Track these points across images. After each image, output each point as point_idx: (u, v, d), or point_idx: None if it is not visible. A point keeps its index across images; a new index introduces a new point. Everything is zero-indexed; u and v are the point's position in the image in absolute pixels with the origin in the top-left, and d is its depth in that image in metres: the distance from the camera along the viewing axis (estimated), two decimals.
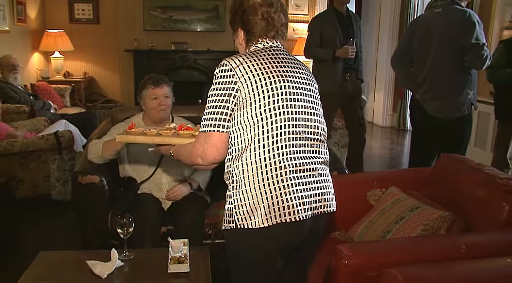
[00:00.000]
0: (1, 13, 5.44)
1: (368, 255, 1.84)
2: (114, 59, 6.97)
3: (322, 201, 1.67)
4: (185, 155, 1.75)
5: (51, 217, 3.85)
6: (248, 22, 1.70)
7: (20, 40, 6.13)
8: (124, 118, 3.01)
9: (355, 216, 2.53)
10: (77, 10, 6.98)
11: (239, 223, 1.58)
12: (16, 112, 4.77)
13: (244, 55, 1.64)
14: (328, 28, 4.19)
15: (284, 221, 1.56)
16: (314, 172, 1.67)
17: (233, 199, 1.61)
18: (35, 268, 2.05)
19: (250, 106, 1.58)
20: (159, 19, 6.80)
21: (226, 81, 1.59)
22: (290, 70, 1.67)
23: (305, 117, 1.66)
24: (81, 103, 6.48)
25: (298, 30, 7.37)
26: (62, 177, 3.94)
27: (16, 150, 3.82)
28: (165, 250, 2.08)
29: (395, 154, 6.17)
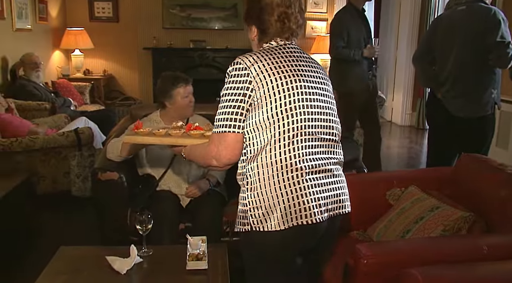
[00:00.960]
0: (23, 11, 5.52)
1: (387, 255, 1.83)
2: (133, 57, 7.03)
3: (338, 202, 1.65)
4: (198, 156, 1.71)
5: (71, 213, 3.89)
6: (263, 21, 1.65)
7: (41, 38, 6.21)
8: (143, 116, 3.03)
9: (373, 215, 2.51)
10: (97, 8, 7.05)
11: (254, 226, 1.55)
12: (37, 109, 4.84)
13: (258, 53, 1.60)
14: (353, 27, 4.18)
15: (300, 224, 1.53)
16: (329, 173, 1.64)
17: (247, 201, 1.58)
18: (56, 262, 2.07)
19: (265, 107, 1.54)
20: (178, 17, 6.83)
21: (240, 80, 1.55)
22: (305, 68, 1.64)
23: (321, 118, 1.63)
24: (100, 101, 6.55)
25: (317, 28, 7.33)
26: (82, 174, 3.99)
27: (37, 146, 3.88)
28: (183, 247, 2.09)
29: (413, 153, 6.10)
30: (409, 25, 7.29)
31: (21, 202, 3.41)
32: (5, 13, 5.00)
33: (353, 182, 1.91)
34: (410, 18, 7.26)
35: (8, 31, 5.17)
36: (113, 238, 2.75)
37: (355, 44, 4.16)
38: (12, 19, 5.20)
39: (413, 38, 7.26)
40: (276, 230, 1.53)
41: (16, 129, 4.06)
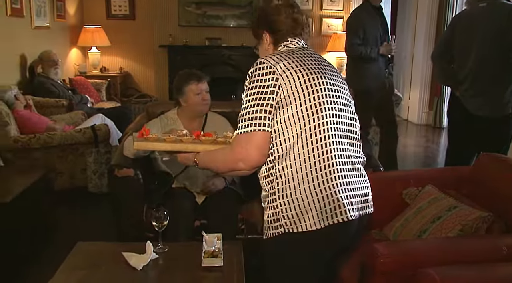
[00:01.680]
0: (42, 9, 5.58)
1: (404, 254, 1.81)
2: (149, 54, 7.06)
3: (366, 202, 1.64)
4: (218, 162, 1.66)
5: (87, 208, 3.94)
6: (273, 22, 1.69)
7: (59, 36, 6.28)
8: (159, 113, 3.05)
9: (390, 214, 2.49)
10: (113, 6, 7.10)
11: (287, 227, 1.52)
12: (55, 106, 4.89)
13: (279, 54, 1.60)
14: (370, 25, 4.15)
15: (336, 222, 1.51)
16: (357, 171, 1.63)
17: (278, 203, 1.54)
18: (73, 257, 2.10)
19: (293, 104, 1.52)
20: (194, 15, 6.84)
21: (266, 78, 1.53)
22: (326, 68, 1.65)
23: (345, 115, 1.63)
24: (116, 98, 6.60)
25: (333, 26, 7.29)
26: (98, 170, 4.02)
27: (55, 143, 3.93)
28: (199, 244, 2.09)
29: (430, 152, 6.04)
30: (426, 23, 7.21)
31: (39, 198, 3.45)
32: (24, 11, 5.05)
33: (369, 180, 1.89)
34: (428, 15, 7.18)
35: (27, 29, 5.23)
36: (129, 234, 2.77)
37: (372, 42, 4.12)
38: (31, 17, 5.26)
39: (430, 35, 7.18)
40: (312, 229, 1.50)
41: (34, 126, 4.11)
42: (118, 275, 1.97)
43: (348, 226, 1.55)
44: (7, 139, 3.78)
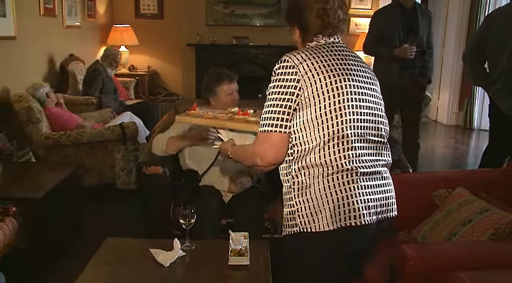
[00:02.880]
0: (73, 9, 5.69)
1: (434, 257, 1.78)
2: (176, 53, 7.12)
3: (386, 205, 1.62)
4: (244, 156, 1.69)
5: (115, 205, 3.99)
6: (303, 20, 1.64)
7: (89, 35, 6.39)
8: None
9: (418, 216, 2.46)
10: (142, 5, 7.19)
11: (302, 226, 1.53)
12: (84, 104, 4.99)
13: (306, 51, 1.57)
14: (388, 23, 3.99)
15: (348, 225, 1.50)
16: (378, 175, 1.61)
17: (294, 202, 1.55)
18: (102, 253, 2.13)
19: (314, 106, 1.51)
20: (221, 14, 6.87)
21: (288, 78, 1.52)
22: (353, 68, 1.60)
23: (370, 119, 1.59)
24: (144, 96, 6.68)
25: (361, 25, 7.22)
26: (126, 167, 4.08)
27: (84, 140, 4.00)
28: (225, 242, 2.10)
29: (459, 154, 5.92)
30: (457, 22, 7.07)
31: (69, 194, 3.52)
32: (56, 11, 5.17)
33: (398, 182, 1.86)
34: (459, 15, 7.04)
35: (59, 28, 5.34)
36: (156, 231, 2.80)
37: (389, 42, 3.95)
38: (62, 16, 5.37)
39: (461, 35, 7.03)
40: (325, 230, 1.50)
41: (65, 123, 4.19)
42: (146, 271, 1.99)
43: (363, 230, 1.54)
44: (39, 136, 3.86)
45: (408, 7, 3.98)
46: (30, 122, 3.85)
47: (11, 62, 4.27)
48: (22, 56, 4.48)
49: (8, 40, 4.18)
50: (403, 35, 3.93)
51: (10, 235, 2.61)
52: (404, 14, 3.98)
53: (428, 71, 4.12)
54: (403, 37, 3.93)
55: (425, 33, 4.03)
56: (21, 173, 3.48)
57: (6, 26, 4.12)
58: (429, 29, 4.10)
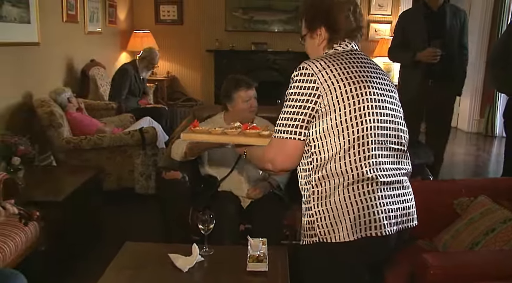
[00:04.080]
0: (95, 15, 5.78)
1: (456, 266, 1.75)
2: (195, 59, 7.18)
3: (407, 215, 1.58)
4: (256, 158, 1.70)
5: (134, 209, 4.02)
6: (335, 20, 1.59)
7: (110, 41, 6.48)
8: (206, 117, 3.08)
9: (439, 224, 2.42)
10: (162, 11, 7.27)
11: (322, 237, 1.49)
12: (105, 108, 5.05)
13: (326, 59, 1.53)
14: (411, 26, 3.76)
15: (369, 235, 1.47)
16: (399, 184, 1.57)
17: (314, 211, 1.51)
18: (121, 257, 2.14)
19: (333, 114, 1.48)
20: (240, 20, 6.90)
21: (307, 86, 1.49)
22: (373, 75, 1.57)
23: (390, 126, 1.56)
24: (163, 101, 6.74)
25: (380, 31, 7.19)
26: (145, 172, 4.10)
27: (104, 145, 4.04)
28: (244, 248, 2.10)
29: (481, 161, 5.83)
30: (479, 28, 6.98)
31: (89, 197, 3.56)
32: (78, 17, 5.25)
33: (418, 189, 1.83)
34: (481, 20, 6.96)
35: (80, 34, 5.43)
36: (174, 235, 2.81)
37: (413, 46, 3.71)
38: (84, 22, 5.46)
39: (483, 41, 6.95)
40: (345, 241, 1.47)
41: (85, 127, 4.25)
42: (165, 276, 2.00)
43: (384, 241, 1.51)
44: (60, 140, 3.92)
45: (433, 8, 3.72)
46: (52, 127, 3.90)
47: (34, 68, 4.35)
48: (45, 62, 4.56)
49: (32, 46, 4.27)
50: (427, 38, 3.68)
51: (31, 237, 2.65)
52: (429, 15, 3.73)
53: (457, 80, 3.82)
54: (427, 40, 3.68)
55: (455, 36, 3.73)
56: (43, 176, 3.54)
57: (30, 32, 4.20)
58: (463, 31, 3.80)
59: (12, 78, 4.01)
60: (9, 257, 2.43)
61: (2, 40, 3.80)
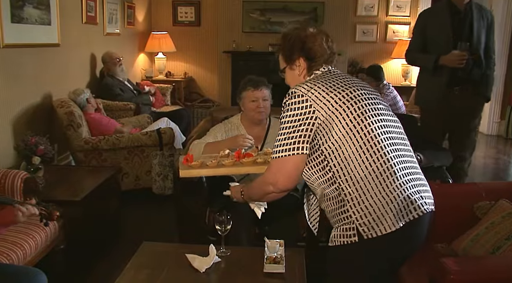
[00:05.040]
0: (113, 17, 5.84)
1: (477, 272, 1.72)
2: (212, 60, 7.20)
3: (429, 198, 1.64)
4: (255, 188, 1.82)
5: (151, 209, 4.04)
6: (310, 50, 1.74)
7: (128, 42, 6.53)
8: (223, 118, 3.09)
9: (458, 228, 2.38)
10: (180, 13, 7.31)
11: (366, 234, 1.53)
12: (123, 109, 5.09)
13: (310, 82, 1.65)
14: (434, 26, 3.38)
15: (412, 219, 1.54)
16: (416, 169, 1.66)
17: (352, 212, 1.55)
18: (139, 257, 2.16)
19: (335, 122, 1.57)
20: (258, 21, 6.91)
21: (300, 106, 1.59)
22: (354, 84, 1.69)
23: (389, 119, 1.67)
24: (180, 102, 6.78)
25: (398, 32, 7.13)
26: (162, 172, 4.13)
27: (122, 145, 4.07)
28: (260, 249, 2.10)
29: (501, 164, 5.74)
30: (500, 28, 6.86)
31: (107, 197, 3.60)
32: (97, 19, 5.31)
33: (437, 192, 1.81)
34: (501, 22, 6.85)
35: (100, 35, 5.48)
36: (191, 236, 2.81)
37: (436, 49, 3.36)
38: (103, 24, 5.52)
39: (504, 42, 6.84)
40: (392, 230, 1.51)
41: (104, 128, 4.29)
42: (182, 276, 2.00)
43: (421, 221, 1.57)
44: (79, 140, 3.97)
45: (459, 6, 3.33)
46: (71, 127, 3.95)
47: (54, 69, 4.41)
48: (65, 63, 4.62)
49: (52, 47, 4.33)
50: (452, 40, 3.30)
51: (51, 236, 2.69)
52: (455, 14, 3.34)
53: (486, 86, 3.46)
54: (452, 42, 3.30)
55: (482, 38, 3.38)
56: (62, 175, 3.59)
57: (51, 33, 4.26)
58: (489, 33, 3.44)
59: (33, 79, 4.07)
60: (30, 255, 2.46)
61: (24, 42, 3.86)
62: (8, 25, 3.61)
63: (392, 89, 5.47)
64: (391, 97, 5.40)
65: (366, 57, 7.12)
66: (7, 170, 2.81)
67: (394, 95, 5.45)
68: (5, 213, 1.97)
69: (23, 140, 3.30)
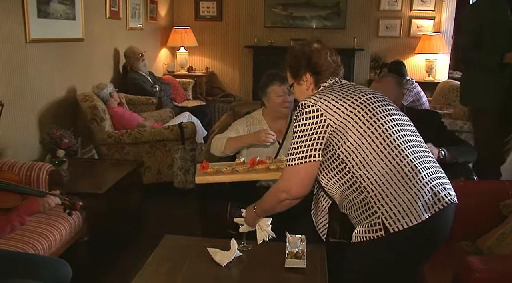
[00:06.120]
0: (136, 12, 5.88)
1: (503, 271, 1.69)
2: (234, 55, 7.20)
3: (451, 189, 1.66)
4: (267, 199, 1.88)
5: (173, 203, 4.08)
6: (316, 64, 1.80)
7: (151, 37, 6.58)
8: (245, 113, 3.08)
9: (483, 226, 2.35)
10: (202, 7, 7.32)
11: (391, 227, 1.54)
12: (145, 103, 5.14)
13: (318, 94, 1.71)
14: (493, 21, 3.04)
15: (437, 210, 1.55)
16: (434, 163, 1.69)
17: (376, 208, 1.57)
18: (161, 250, 2.18)
19: (349, 127, 1.61)
20: (280, 16, 6.87)
21: (311, 116, 1.64)
22: (361, 90, 1.74)
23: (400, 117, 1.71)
24: (201, 97, 6.80)
25: (423, 27, 7.01)
26: (184, 166, 4.15)
27: (144, 139, 4.11)
28: (282, 244, 2.09)
29: None
30: None
31: (129, 190, 3.64)
32: (120, 14, 5.36)
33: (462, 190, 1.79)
34: None
35: (123, 30, 5.53)
36: (212, 230, 2.82)
37: (494, 45, 3.06)
38: (126, 19, 5.56)
39: None
40: (418, 222, 1.53)
41: (127, 122, 4.34)
42: (203, 269, 2.02)
43: (446, 212, 1.59)
44: (102, 134, 4.02)
45: None
46: (95, 121, 4.00)
47: (78, 63, 4.47)
48: (89, 57, 4.68)
49: (77, 42, 4.38)
50: None
51: (75, 228, 2.73)
52: None
53: None
54: None
55: None
56: (85, 168, 3.64)
57: (75, 28, 4.32)
58: None
59: (58, 73, 4.13)
60: (54, 246, 2.51)
61: (50, 37, 3.92)
62: (35, 20, 3.66)
63: (415, 85, 5.40)
64: (414, 93, 5.33)
65: (389, 52, 7.03)
66: (33, 162, 2.87)
67: (418, 91, 5.38)
68: (30, 202, 2.02)
69: (48, 133, 3.35)
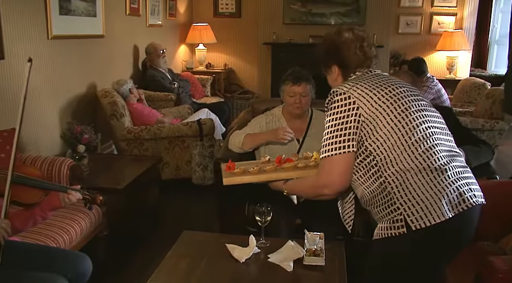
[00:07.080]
0: (156, 8, 5.91)
1: None
2: (252, 51, 7.19)
3: (478, 190, 1.62)
4: (306, 188, 1.85)
5: (191, 199, 4.10)
6: (343, 58, 1.78)
7: (170, 33, 6.61)
8: (264, 110, 3.08)
9: (505, 226, 2.31)
10: (221, 4, 7.33)
11: (413, 225, 1.52)
12: (164, 100, 5.17)
13: (350, 82, 1.68)
14: None
15: (462, 210, 1.52)
16: (462, 163, 1.65)
17: (399, 204, 1.54)
18: (180, 245, 2.19)
19: (379, 118, 1.58)
20: (298, 12, 6.84)
21: (343, 104, 1.60)
22: (396, 81, 1.71)
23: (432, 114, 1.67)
24: (220, 93, 6.81)
25: (444, 24, 6.92)
26: (202, 163, 4.17)
27: (163, 135, 4.14)
28: (300, 241, 2.09)
29: None
30: None
31: (148, 186, 3.67)
32: (140, 11, 5.40)
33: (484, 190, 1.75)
34: None
35: (142, 27, 5.57)
36: (231, 226, 2.83)
37: None
38: (146, 15, 5.60)
39: None
40: (441, 221, 1.50)
41: (146, 118, 4.37)
42: (222, 265, 2.02)
43: (471, 213, 1.56)
44: (122, 129, 4.05)
45: None
46: (114, 117, 4.04)
47: (99, 59, 4.52)
48: (109, 54, 4.72)
49: (97, 38, 4.42)
50: None
51: (95, 222, 2.76)
52: None
53: None
54: None
55: None
56: (105, 164, 3.68)
57: (96, 25, 4.36)
58: None
59: (79, 69, 4.17)
60: (75, 240, 2.54)
61: (71, 33, 3.97)
62: (57, 17, 3.71)
63: (436, 82, 5.33)
64: (435, 90, 5.26)
65: (409, 49, 6.96)
66: (54, 157, 2.91)
67: (439, 88, 5.31)
68: (52, 197, 2.04)
69: (69, 129, 3.40)
